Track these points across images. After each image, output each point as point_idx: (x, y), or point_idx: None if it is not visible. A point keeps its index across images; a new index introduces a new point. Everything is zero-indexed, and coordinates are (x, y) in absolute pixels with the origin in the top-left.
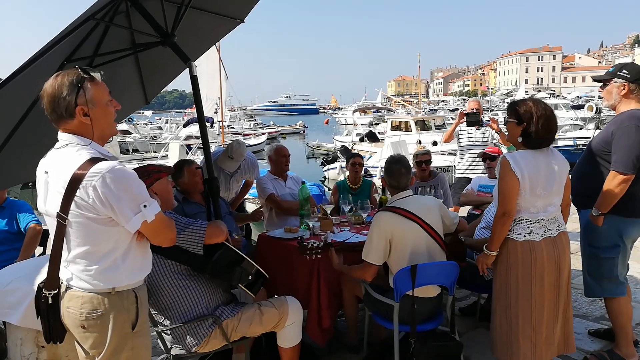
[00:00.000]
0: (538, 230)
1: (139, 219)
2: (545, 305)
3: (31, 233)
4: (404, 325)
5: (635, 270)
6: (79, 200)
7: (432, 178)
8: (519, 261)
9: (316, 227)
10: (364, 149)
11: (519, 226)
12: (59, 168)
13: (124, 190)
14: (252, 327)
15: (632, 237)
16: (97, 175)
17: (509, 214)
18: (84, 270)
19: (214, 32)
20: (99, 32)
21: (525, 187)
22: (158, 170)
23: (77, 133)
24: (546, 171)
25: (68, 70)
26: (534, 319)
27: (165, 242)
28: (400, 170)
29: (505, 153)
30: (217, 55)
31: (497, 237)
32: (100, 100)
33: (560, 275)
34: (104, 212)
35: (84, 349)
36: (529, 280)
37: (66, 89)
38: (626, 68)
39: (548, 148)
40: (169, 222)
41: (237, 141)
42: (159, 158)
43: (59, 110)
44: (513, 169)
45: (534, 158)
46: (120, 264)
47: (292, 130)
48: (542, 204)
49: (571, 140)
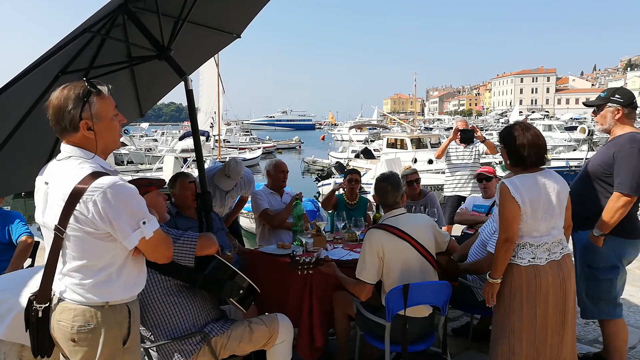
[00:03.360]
0: (542, 255)
1: (138, 235)
2: (549, 326)
3: (22, 246)
4: (396, 346)
5: (629, 294)
6: (79, 215)
7: (422, 197)
8: (523, 286)
9: (309, 244)
10: (359, 166)
11: (523, 251)
12: (59, 180)
13: (124, 206)
14: (241, 344)
15: (629, 258)
16: (98, 190)
17: (511, 239)
18: (78, 284)
19: (211, 46)
20: (95, 44)
21: (527, 212)
22: (148, 183)
23: (80, 146)
24: (547, 194)
25: (75, 83)
26: (537, 341)
27: (161, 259)
28: (387, 187)
29: (503, 179)
30: (216, 69)
31: (501, 263)
32: (106, 114)
33: (566, 298)
34: (103, 228)
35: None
36: (533, 304)
37: (72, 102)
38: (618, 93)
39: (545, 170)
40: (167, 239)
41: (235, 160)
42: (153, 170)
43: (63, 123)
44: (513, 195)
45: (534, 181)
46: (115, 278)
47: (288, 145)
48: (545, 228)
49: (564, 161)
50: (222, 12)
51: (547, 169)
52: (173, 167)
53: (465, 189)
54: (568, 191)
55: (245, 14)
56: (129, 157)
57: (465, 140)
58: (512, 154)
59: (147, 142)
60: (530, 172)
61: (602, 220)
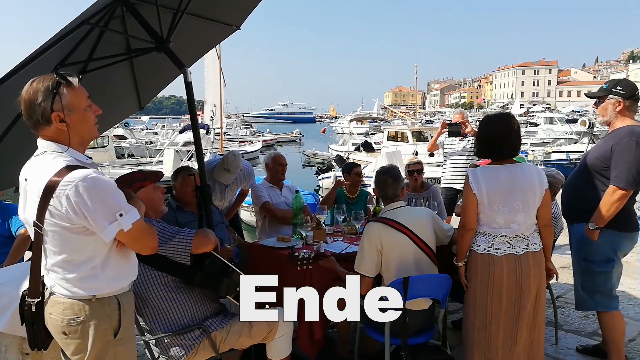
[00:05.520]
0: (500, 246)
1: (115, 227)
2: (501, 321)
3: (20, 238)
4: (396, 338)
5: (628, 286)
6: (53, 210)
7: (425, 190)
8: (478, 272)
9: (309, 237)
10: (360, 159)
11: (482, 239)
12: (35, 176)
13: (98, 199)
14: (241, 339)
15: (625, 251)
16: (70, 184)
17: (466, 226)
18: (63, 279)
19: (210, 38)
20: (94, 36)
21: (484, 202)
22: (143, 177)
23: (54, 140)
24: (508, 187)
25: (44, 76)
26: (489, 334)
27: (144, 250)
28: (386, 180)
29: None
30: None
31: (459, 248)
32: (78, 105)
33: (522, 295)
34: (78, 222)
35: (66, 356)
36: (485, 292)
37: (41, 94)
38: (620, 85)
39: (517, 164)
40: (149, 229)
41: (233, 153)
42: (153, 164)
43: (35, 117)
44: (470, 184)
45: (495, 173)
46: (100, 272)
47: (289, 139)
48: (503, 220)
49: (564, 154)
50: (222, 3)
51: (524, 164)
52: (173, 161)
53: (457, 182)
54: (539, 189)
55: (245, 6)
56: (130, 151)
57: (453, 134)
58: (478, 143)
59: (147, 135)
60: (498, 163)
61: (598, 213)
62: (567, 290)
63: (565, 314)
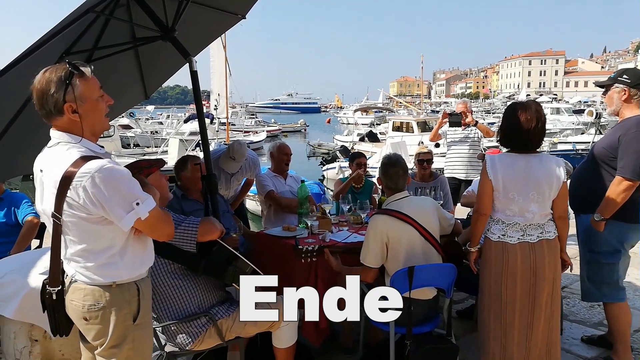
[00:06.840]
0: (514, 234)
1: (132, 216)
2: (517, 309)
3: (28, 226)
4: (400, 328)
5: (635, 277)
6: (71, 201)
7: (433, 179)
8: (492, 260)
9: (314, 226)
10: (364, 149)
11: (496, 226)
12: (51, 167)
13: (114, 189)
14: (247, 327)
15: (632, 242)
16: (86, 175)
17: (480, 212)
18: (83, 267)
19: (215, 27)
20: (99, 25)
21: (499, 189)
22: (149, 164)
23: (67, 130)
24: (524, 176)
25: (57, 66)
26: (504, 321)
27: (162, 237)
28: (398, 172)
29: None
30: (223, 52)
31: (474, 233)
32: (90, 96)
33: (537, 282)
34: (96, 212)
35: (87, 340)
36: (499, 280)
37: (54, 85)
38: (627, 73)
39: (538, 154)
40: (166, 216)
41: (238, 142)
42: (158, 153)
43: (48, 107)
44: (487, 170)
45: (512, 162)
46: (119, 260)
47: (294, 129)
48: (517, 209)
49: (571, 144)
50: None
51: (544, 155)
52: (178, 150)
53: (459, 171)
54: (557, 180)
55: None
56: (135, 140)
57: (453, 124)
58: (502, 132)
59: (152, 125)
60: (518, 152)
61: (603, 204)
62: (573, 280)
63: (571, 304)
